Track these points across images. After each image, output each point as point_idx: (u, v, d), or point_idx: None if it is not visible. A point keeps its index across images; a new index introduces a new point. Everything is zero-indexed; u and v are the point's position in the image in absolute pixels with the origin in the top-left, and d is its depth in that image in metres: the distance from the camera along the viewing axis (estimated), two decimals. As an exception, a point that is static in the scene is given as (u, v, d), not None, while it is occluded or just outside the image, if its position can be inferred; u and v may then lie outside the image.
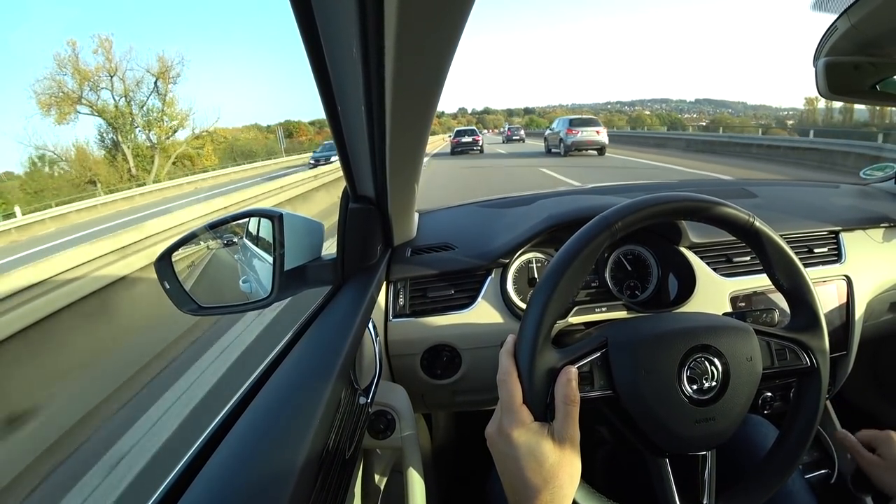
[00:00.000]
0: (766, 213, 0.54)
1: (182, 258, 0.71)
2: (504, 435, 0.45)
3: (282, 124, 74.47)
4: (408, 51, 0.33)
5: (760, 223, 0.52)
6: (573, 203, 0.91)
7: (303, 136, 73.92)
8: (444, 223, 0.99)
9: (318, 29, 0.35)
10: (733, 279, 0.85)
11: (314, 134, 74.53)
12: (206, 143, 37.85)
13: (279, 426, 0.38)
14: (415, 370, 0.83)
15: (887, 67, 0.87)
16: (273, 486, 0.31)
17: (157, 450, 1.96)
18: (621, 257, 0.86)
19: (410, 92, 0.40)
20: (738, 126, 31.71)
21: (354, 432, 0.55)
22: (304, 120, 78.12)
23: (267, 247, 0.68)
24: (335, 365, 0.46)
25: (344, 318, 0.56)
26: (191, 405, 2.26)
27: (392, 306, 0.83)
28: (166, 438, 2.03)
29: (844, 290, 0.91)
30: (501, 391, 0.46)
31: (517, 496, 0.43)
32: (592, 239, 0.48)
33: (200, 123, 36.45)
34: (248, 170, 27.35)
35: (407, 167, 0.62)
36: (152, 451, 1.95)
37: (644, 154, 15.11)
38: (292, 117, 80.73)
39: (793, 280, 0.54)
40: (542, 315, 0.46)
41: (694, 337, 0.49)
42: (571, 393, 0.44)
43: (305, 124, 78.12)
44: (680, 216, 0.53)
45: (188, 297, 0.67)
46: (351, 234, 0.68)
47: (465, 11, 0.31)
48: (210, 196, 6.24)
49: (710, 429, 0.48)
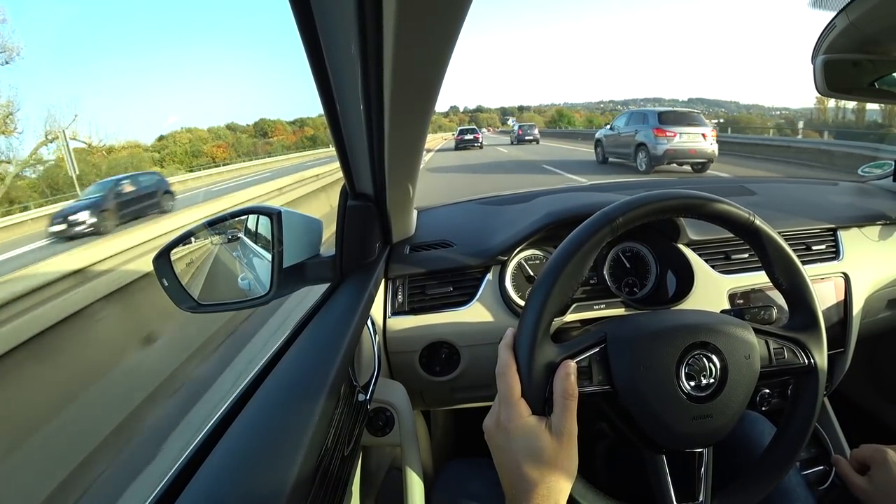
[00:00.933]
0: (765, 211, 0.54)
1: (181, 256, 0.71)
2: (502, 428, 0.45)
3: (256, 123, 72.29)
4: (407, 47, 0.33)
5: (760, 221, 0.52)
6: (572, 200, 0.91)
7: (279, 136, 71.15)
8: (442, 220, 0.99)
9: (316, 26, 0.35)
10: (731, 276, 0.85)
11: (291, 134, 71.86)
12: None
13: (278, 423, 0.38)
14: (413, 367, 0.83)
15: (885, 65, 0.87)
16: (272, 483, 0.31)
17: (157, 447, 1.96)
18: (620, 254, 0.86)
19: (409, 88, 0.40)
20: (758, 127, 30.46)
21: (353, 429, 0.55)
22: (284, 118, 75.53)
23: (266, 244, 0.68)
24: (334, 362, 0.46)
25: (342, 316, 0.56)
26: (191, 403, 2.27)
27: (391, 303, 0.83)
28: (166, 436, 2.03)
29: (842, 287, 0.91)
30: (500, 384, 0.46)
31: (514, 490, 0.43)
32: (593, 234, 0.48)
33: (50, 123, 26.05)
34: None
35: (406, 164, 0.62)
36: (152, 449, 1.95)
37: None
38: (270, 115, 78.38)
39: (792, 279, 0.54)
40: (542, 309, 0.46)
41: (693, 334, 0.49)
42: (570, 387, 0.45)
43: (284, 123, 75.54)
44: (680, 213, 0.53)
45: (187, 294, 0.67)
46: (350, 232, 0.68)
47: (464, 7, 0.31)
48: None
49: (707, 426, 0.48)
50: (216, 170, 27.86)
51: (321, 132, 67.88)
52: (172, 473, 0.36)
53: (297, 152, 46.12)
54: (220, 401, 0.57)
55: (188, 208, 6.49)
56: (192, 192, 17.64)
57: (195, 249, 0.79)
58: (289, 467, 0.33)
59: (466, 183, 8.99)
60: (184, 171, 32.90)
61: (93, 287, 2.90)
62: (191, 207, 6.42)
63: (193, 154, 48.76)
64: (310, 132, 73.86)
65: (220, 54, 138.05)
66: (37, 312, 2.48)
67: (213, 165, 32.61)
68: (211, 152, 50.02)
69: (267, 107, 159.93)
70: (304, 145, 66.47)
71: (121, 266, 3.24)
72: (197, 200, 8.31)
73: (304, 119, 79.64)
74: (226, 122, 78.72)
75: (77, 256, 3.00)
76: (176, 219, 5.38)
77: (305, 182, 7.72)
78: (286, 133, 74.22)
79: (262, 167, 26.96)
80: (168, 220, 5.05)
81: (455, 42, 0.34)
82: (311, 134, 73.25)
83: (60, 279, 2.75)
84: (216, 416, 0.43)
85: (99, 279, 2.99)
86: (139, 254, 3.46)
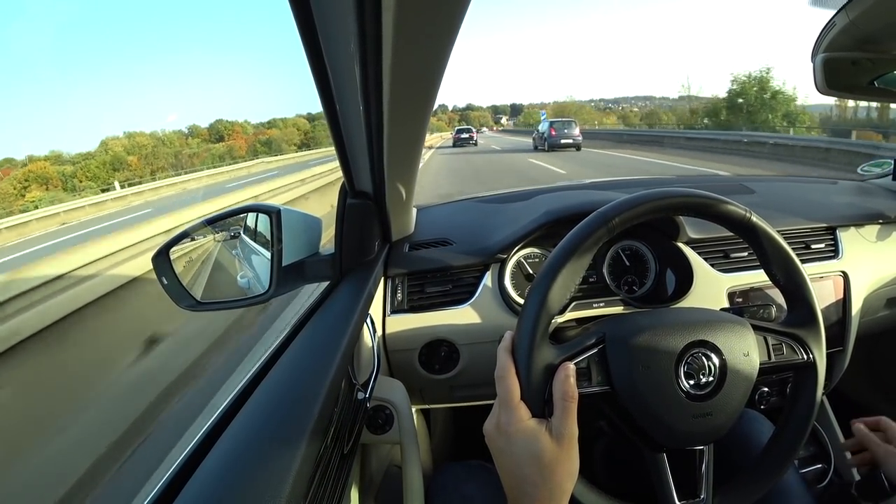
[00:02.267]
0: (764, 209, 0.54)
1: (180, 254, 0.71)
2: (502, 432, 0.45)
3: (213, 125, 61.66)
4: (406, 44, 0.33)
5: (758, 219, 0.52)
6: (571, 199, 0.91)
7: (234, 141, 59.33)
8: (441, 219, 0.99)
9: (315, 24, 0.35)
10: (731, 275, 0.85)
11: (243, 139, 60.33)
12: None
13: (277, 421, 0.38)
14: (413, 365, 0.83)
15: (885, 63, 0.87)
16: (271, 481, 0.31)
17: (155, 446, 1.96)
18: (619, 252, 0.86)
19: (408, 86, 0.40)
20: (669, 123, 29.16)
21: (353, 427, 0.55)
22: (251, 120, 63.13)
23: (265, 242, 0.68)
24: (333, 360, 0.46)
25: (342, 314, 0.56)
26: (189, 401, 2.27)
27: (390, 301, 0.83)
28: (165, 435, 2.03)
29: (841, 285, 0.91)
30: (499, 388, 0.46)
31: (516, 492, 0.43)
32: (590, 234, 0.48)
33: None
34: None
35: (405, 162, 0.62)
36: (150, 449, 1.95)
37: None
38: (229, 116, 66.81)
39: (790, 276, 0.54)
40: (540, 311, 0.46)
41: (691, 332, 0.49)
42: (570, 389, 0.45)
43: (245, 125, 64.71)
44: (677, 212, 0.53)
45: (186, 292, 0.67)
46: (349, 230, 0.68)
47: (463, 4, 0.30)
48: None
49: (707, 424, 0.48)
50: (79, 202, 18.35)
51: (290, 134, 58.58)
52: (171, 472, 0.36)
53: (244, 161, 38.70)
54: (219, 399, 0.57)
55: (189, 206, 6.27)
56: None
57: (194, 248, 0.78)
58: (288, 465, 0.33)
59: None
60: (97, 189, 27.80)
61: (89, 288, 2.89)
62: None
63: (114, 167, 39.86)
64: (273, 133, 63.48)
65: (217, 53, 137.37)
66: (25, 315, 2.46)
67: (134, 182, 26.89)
68: (133, 164, 42.84)
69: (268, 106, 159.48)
70: (258, 151, 56.89)
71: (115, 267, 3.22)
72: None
73: (276, 120, 69.73)
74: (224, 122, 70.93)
75: (65, 259, 2.95)
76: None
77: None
78: (243, 137, 63.41)
79: (156, 193, 19.85)
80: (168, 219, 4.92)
81: (454, 40, 0.34)
82: (266, 138, 62.80)
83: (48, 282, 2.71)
84: (215, 415, 0.43)
85: (93, 280, 2.98)
86: (129, 256, 3.40)
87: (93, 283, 2.94)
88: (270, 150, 56.15)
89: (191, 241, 0.74)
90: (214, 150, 56.08)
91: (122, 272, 3.19)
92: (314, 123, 65.17)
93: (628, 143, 19.79)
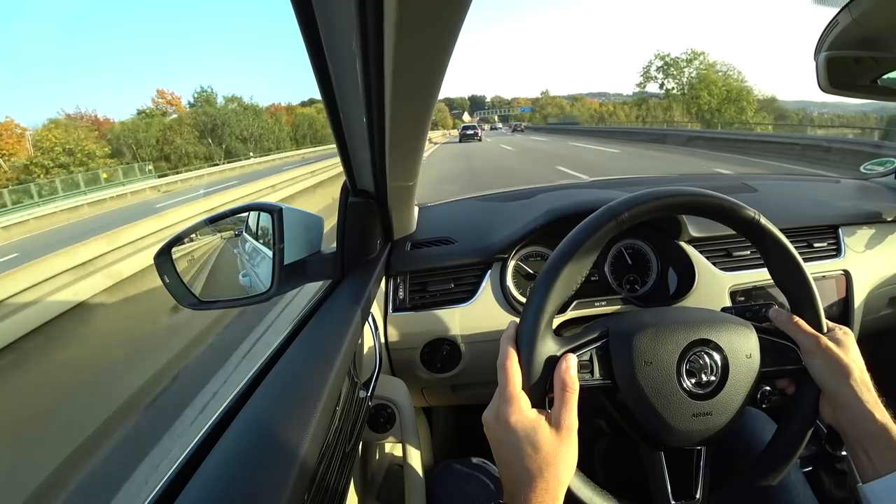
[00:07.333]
0: (766, 208, 0.54)
1: (182, 253, 0.71)
2: (501, 421, 0.44)
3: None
4: (408, 42, 0.33)
5: (766, 221, 0.51)
6: (573, 197, 0.91)
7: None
8: (443, 217, 0.99)
9: (317, 22, 0.35)
10: (733, 273, 0.85)
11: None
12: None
13: (279, 420, 0.38)
14: (414, 364, 0.83)
15: (888, 62, 0.87)
16: (273, 479, 0.31)
17: (158, 445, 1.97)
18: (621, 251, 0.86)
19: (410, 84, 0.40)
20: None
21: (354, 426, 0.55)
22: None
23: (267, 241, 0.68)
24: (335, 359, 0.46)
25: (344, 313, 0.56)
26: (191, 400, 2.27)
27: (392, 300, 0.83)
28: (168, 433, 2.03)
29: (843, 284, 0.91)
30: (501, 377, 0.46)
31: (513, 483, 0.43)
32: (599, 228, 0.48)
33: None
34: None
35: (407, 161, 0.62)
36: (154, 448, 1.96)
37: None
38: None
39: (795, 280, 0.53)
40: (545, 301, 0.46)
41: (695, 330, 0.49)
42: (570, 380, 0.44)
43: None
44: (686, 211, 0.53)
45: (188, 291, 0.67)
46: (351, 229, 0.68)
47: (465, 2, 0.30)
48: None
49: (706, 423, 0.48)
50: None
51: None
52: (174, 470, 0.36)
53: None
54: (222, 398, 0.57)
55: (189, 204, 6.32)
56: None
57: (196, 247, 0.78)
58: (290, 464, 0.33)
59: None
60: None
61: (90, 283, 2.89)
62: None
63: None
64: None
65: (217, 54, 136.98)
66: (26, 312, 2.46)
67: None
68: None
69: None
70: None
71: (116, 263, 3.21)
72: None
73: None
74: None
75: (64, 257, 2.93)
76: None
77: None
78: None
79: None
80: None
81: (456, 37, 0.34)
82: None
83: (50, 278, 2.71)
84: (218, 413, 0.43)
85: (94, 276, 2.98)
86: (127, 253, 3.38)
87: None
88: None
89: (192, 240, 0.74)
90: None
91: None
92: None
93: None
